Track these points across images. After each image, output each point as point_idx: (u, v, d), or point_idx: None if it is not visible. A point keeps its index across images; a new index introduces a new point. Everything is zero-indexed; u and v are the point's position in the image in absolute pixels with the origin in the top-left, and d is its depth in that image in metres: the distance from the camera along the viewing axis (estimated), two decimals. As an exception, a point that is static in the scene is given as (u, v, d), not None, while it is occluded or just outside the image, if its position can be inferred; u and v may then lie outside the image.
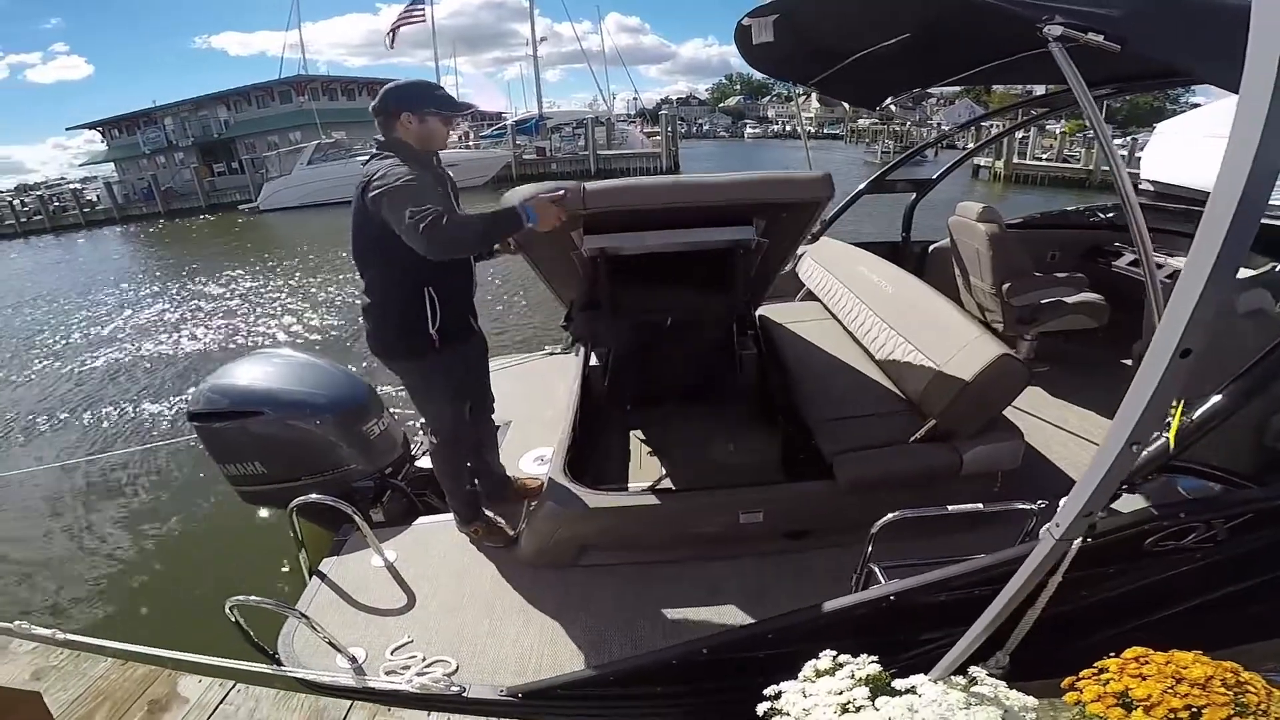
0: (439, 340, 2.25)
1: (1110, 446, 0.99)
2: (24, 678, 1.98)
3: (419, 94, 2.17)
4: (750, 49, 2.77)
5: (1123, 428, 0.95)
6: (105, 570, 4.03)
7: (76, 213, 32.63)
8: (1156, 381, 0.89)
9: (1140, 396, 0.92)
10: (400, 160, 2.07)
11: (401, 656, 2.13)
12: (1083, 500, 1.05)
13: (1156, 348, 0.90)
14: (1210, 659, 1.12)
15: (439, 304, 2.20)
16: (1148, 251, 1.64)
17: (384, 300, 2.23)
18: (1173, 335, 0.87)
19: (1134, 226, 1.63)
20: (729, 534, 2.42)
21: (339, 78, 37.62)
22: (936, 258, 4.26)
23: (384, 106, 2.15)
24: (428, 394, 2.43)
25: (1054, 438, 2.98)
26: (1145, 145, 21.87)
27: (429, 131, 2.18)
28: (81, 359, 9.04)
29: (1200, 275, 0.83)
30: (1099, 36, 1.50)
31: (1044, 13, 1.55)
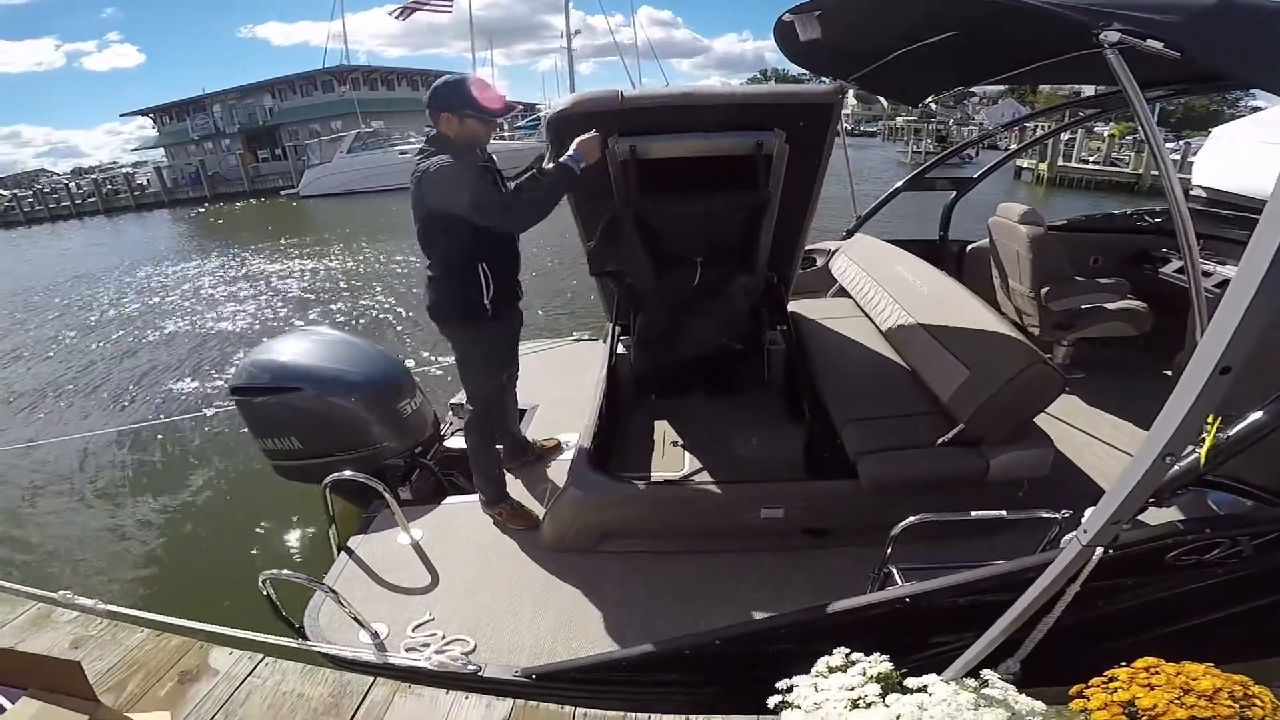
0: (491, 310, 2.46)
1: (1144, 457, 0.97)
2: (64, 646, 2.07)
3: (458, 96, 2.26)
4: (791, 44, 2.75)
5: (1157, 440, 0.94)
6: (145, 540, 4.18)
7: (128, 196, 33.96)
8: (1194, 396, 0.88)
9: (1177, 410, 0.91)
10: (446, 155, 2.23)
11: (422, 634, 2.18)
12: (1112, 509, 1.03)
13: (1197, 361, 0.88)
14: (1222, 672, 1.10)
15: (492, 278, 2.41)
16: (1194, 258, 1.61)
17: (446, 274, 2.43)
18: (1214, 350, 0.85)
19: (1181, 232, 1.60)
20: (749, 528, 2.42)
21: (379, 68, 38.24)
22: (974, 258, 4.19)
23: (429, 103, 2.30)
24: (474, 360, 2.64)
25: (1085, 446, 2.90)
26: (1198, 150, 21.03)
27: (468, 131, 2.30)
28: (127, 332, 9.40)
29: (1248, 289, 0.80)
30: (1158, 44, 1.47)
31: (1101, 18, 1.52)
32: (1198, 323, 1.54)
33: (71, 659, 1.56)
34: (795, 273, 3.43)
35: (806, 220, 3.06)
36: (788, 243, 3.16)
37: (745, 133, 2.51)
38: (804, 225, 3.09)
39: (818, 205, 2.96)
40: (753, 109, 2.52)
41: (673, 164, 2.62)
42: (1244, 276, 0.81)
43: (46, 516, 4.55)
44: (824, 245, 4.59)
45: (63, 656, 1.97)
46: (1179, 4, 1.58)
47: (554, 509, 2.55)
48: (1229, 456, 1.57)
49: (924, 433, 2.40)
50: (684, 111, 2.45)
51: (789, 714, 1.21)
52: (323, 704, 1.80)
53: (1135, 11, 1.53)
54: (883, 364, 3.01)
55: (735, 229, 2.96)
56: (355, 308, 9.89)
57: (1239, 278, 0.82)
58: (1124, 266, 3.96)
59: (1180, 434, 0.91)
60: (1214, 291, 2.84)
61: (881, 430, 2.46)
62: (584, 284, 8.23)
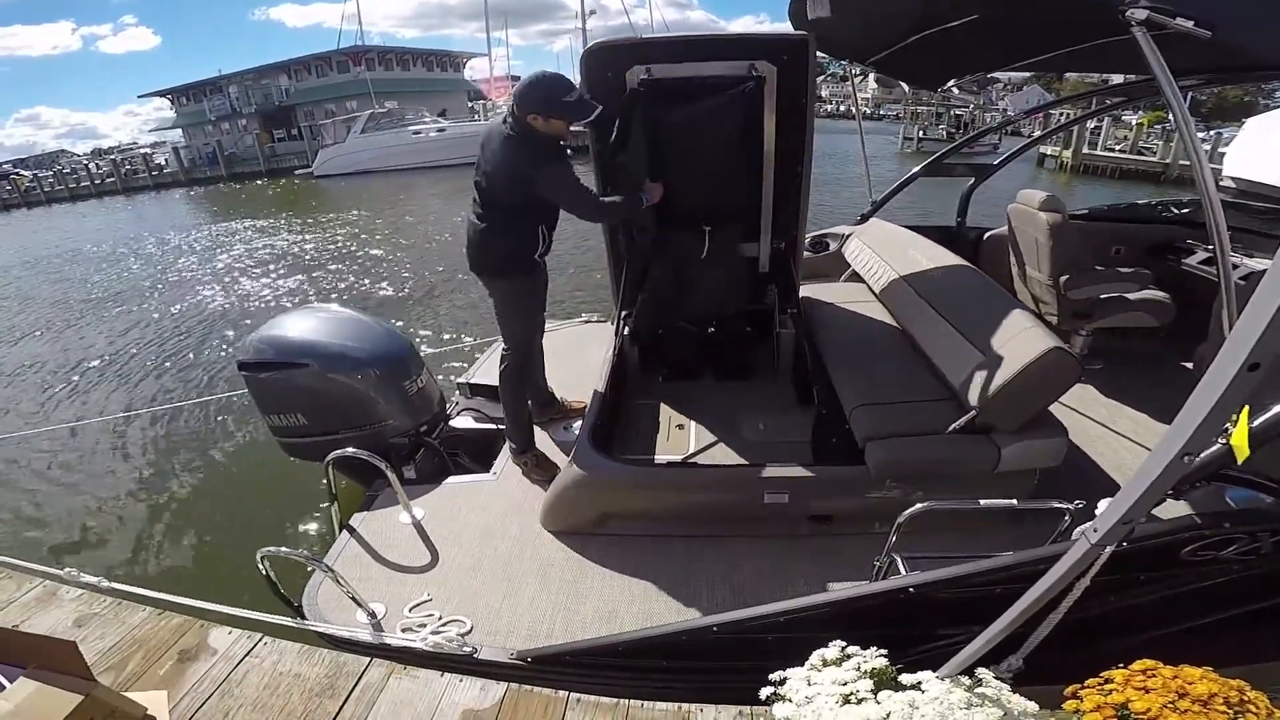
0: (541, 256, 2.73)
1: (1161, 454, 0.92)
2: (68, 623, 2.10)
3: (547, 101, 2.42)
4: (807, 27, 2.69)
5: (1177, 437, 0.89)
6: (151, 518, 4.23)
7: (146, 175, 34.39)
8: (1219, 393, 0.83)
9: (1200, 406, 0.86)
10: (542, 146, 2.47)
11: (419, 615, 2.18)
12: (1125, 506, 0.99)
13: (1225, 356, 0.83)
14: (1219, 676, 1.06)
15: (547, 237, 2.69)
16: (1225, 250, 1.54)
17: (505, 231, 2.62)
18: (1243, 346, 0.80)
19: (1212, 223, 1.54)
20: (752, 513, 2.39)
21: (394, 49, 38.19)
22: (991, 245, 4.11)
23: (519, 102, 2.45)
24: (519, 308, 2.82)
25: (1100, 438, 2.84)
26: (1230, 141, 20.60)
27: (553, 129, 2.47)
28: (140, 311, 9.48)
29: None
30: (1188, 22, 1.42)
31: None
32: (1225, 316, 1.48)
33: (68, 639, 1.56)
34: (802, 243, 3.38)
35: (804, 180, 3.06)
36: (790, 209, 3.17)
37: (739, 62, 2.82)
38: (803, 186, 3.08)
39: (811, 167, 3.04)
40: (744, 46, 2.84)
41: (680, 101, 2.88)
42: (1279, 271, 0.76)
43: (54, 495, 4.62)
44: (838, 230, 4.53)
45: (66, 634, 2.00)
46: None
47: (555, 489, 2.53)
48: (1256, 448, 1.51)
49: (935, 419, 2.34)
50: (691, 45, 2.85)
51: (780, 707, 1.19)
52: (319, 684, 1.81)
53: None
54: (894, 349, 2.95)
55: (738, 170, 3.08)
56: (358, 283, 9.94)
57: (1274, 271, 0.77)
58: (1147, 257, 3.86)
59: (1202, 432, 0.86)
60: (1242, 284, 2.76)
61: (891, 416, 2.41)
62: (591, 264, 8.23)
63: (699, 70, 2.84)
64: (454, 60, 41.90)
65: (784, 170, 3.06)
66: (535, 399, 3.24)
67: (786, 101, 2.91)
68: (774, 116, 2.94)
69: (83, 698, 1.47)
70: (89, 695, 1.49)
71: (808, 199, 3.11)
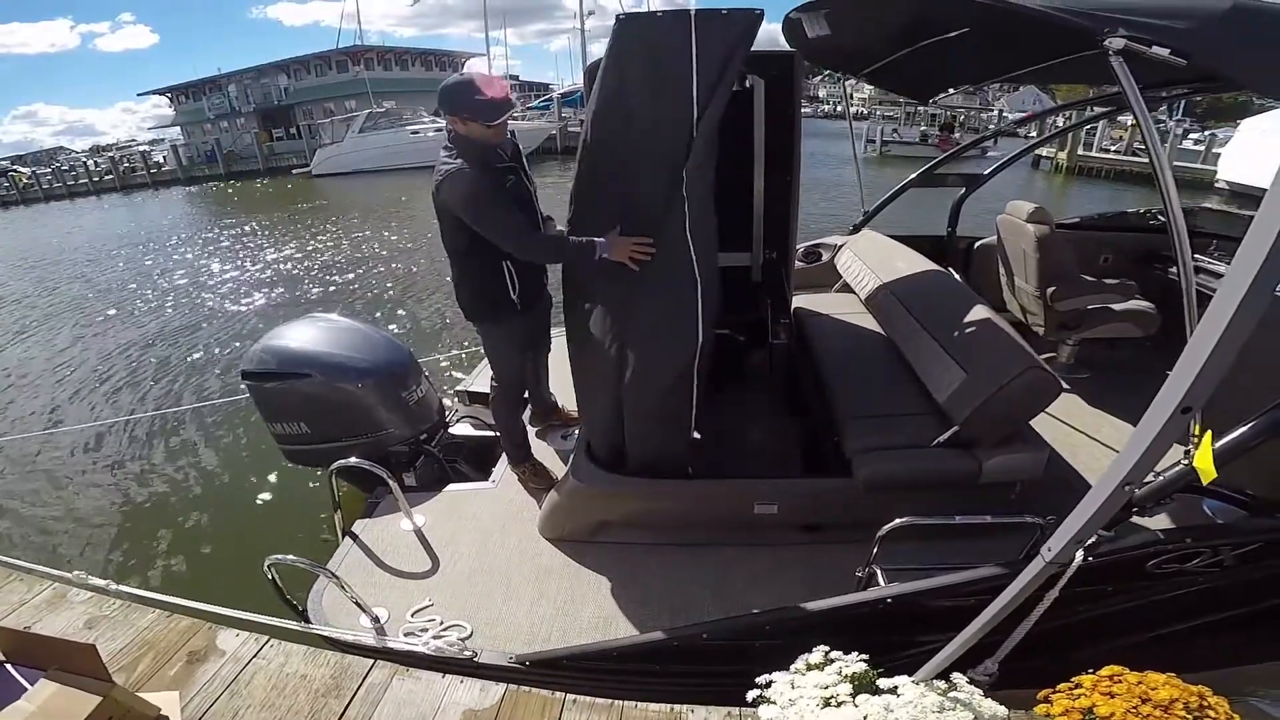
0: (520, 304, 2.56)
1: (1105, 484, 1.01)
2: (79, 625, 2.16)
3: (455, 98, 2.26)
4: (800, 41, 2.76)
5: (1119, 469, 0.97)
6: (157, 522, 4.27)
7: (144, 173, 34.31)
8: (1155, 433, 0.90)
9: (1139, 443, 0.94)
10: (463, 159, 2.25)
11: (421, 619, 2.25)
12: (1074, 529, 1.07)
13: (1161, 399, 0.90)
14: (1181, 682, 1.14)
15: (517, 276, 2.50)
16: (1186, 262, 1.59)
17: (472, 274, 2.51)
18: (1177, 390, 0.87)
19: (1174, 233, 1.59)
20: (743, 523, 2.45)
21: (392, 48, 38.15)
22: (981, 255, 4.15)
23: (438, 103, 2.31)
24: (501, 349, 2.78)
25: (1083, 447, 2.91)
26: (1225, 142, 20.44)
27: (474, 133, 2.29)
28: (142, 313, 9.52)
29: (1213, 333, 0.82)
30: (1164, 50, 1.47)
31: (1106, 24, 1.52)
32: (1188, 326, 1.52)
33: (88, 643, 1.63)
34: (794, 253, 3.44)
35: (794, 190, 3.11)
36: (781, 219, 3.22)
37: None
38: (793, 196, 3.13)
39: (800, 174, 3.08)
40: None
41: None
42: (1210, 321, 0.82)
43: (63, 498, 4.66)
44: (831, 240, 4.59)
45: (78, 636, 2.06)
46: (1186, 8, 1.56)
47: (552, 500, 2.60)
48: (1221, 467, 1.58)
49: (921, 432, 2.41)
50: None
51: (765, 709, 1.25)
52: (324, 685, 1.88)
53: (1141, 17, 1.52)
54: (883, 362, 3.02)
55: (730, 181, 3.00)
56: (355, 287, 9.94)
57: (1205, 321, 0.83)
58: (1134, 265, 3.93)
59: (1140, 467, 0.94)
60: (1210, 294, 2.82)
61: (878, 429, 2.47)
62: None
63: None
64: (452, 60, 41.81)
65: (774, 181, 3.13)
66: (535, 405, 3.32)
67: (776, 114, 2.98)
68: (764, 128, 3.01)
69: (102, 699, 1.54)
70: (108, 696, 1.55)
71: (798, 209, 3.18)
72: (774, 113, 2.99)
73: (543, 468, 3.00)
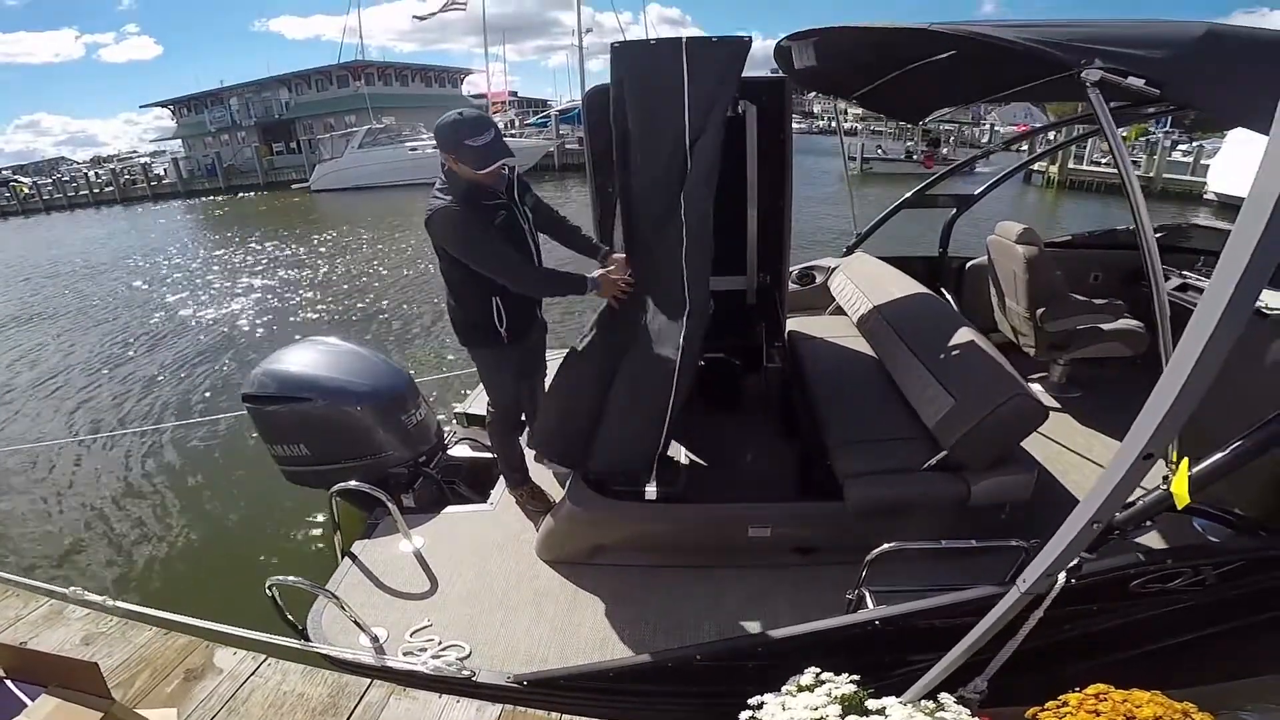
0: (509, 336, 2.61)
1: (1075, 520, 1.05)
2: (76, 641, 2.17)
3: (447, 139, 2.28)
4: (791, 68, 2.82)
5: (1088, 507, 1.01)
6: (156, 539, 4.28)
7: (144, 185, 34.46)
8: (1119, 476, 0.95)
9: (1106, 484, 0.98)
10: (451, 193, 2.31)
11: (420, 639, 2.26)
12: (1047, 563, 1.11)
13: (1127, 444, 0.94)
14: (1167, 699, 1.16)
15: (505, 310, 2.55)
16: (1159, 284, 1.58)
17: (461, 303, 2.59)
18: (1140, 437, 0.91)
19: (1146, 253, 1.58)
20: (737, 546, 2.48)
21: (393, 64, 38.46)
22: (973, 275, 4.19)
23: (435, 138, 2.35)
24: (494, 375, 2.82)
25: (1074, 466, 2.95)
26: (1214, 153, 20.38)
27: (463, 172, 2.31)
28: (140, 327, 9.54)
29: (1175, 382, 0.86)
30: (1139, 80, 1.49)
31: (1083, 55, 1.54)
32: (1162, 352, 1.53)
33: (90, 660, 1.65)
34: (787, 277, 3.48)
35: (786, 213, 3.17)
36: (774, 242, 3.26)
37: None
38: (785, 219, 3.19)
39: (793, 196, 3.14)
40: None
41: None
42: (1172, 372, 0.86)
43: (61, 514, 4.66)
44: (824, 262, 4.62)
45: (74, 652, 2.07)
46: (1160, 38, 1.58)
47: (549, 523, 2.62)
48: (1197, 491, 1.62)
49: (911, 456, 2.45)
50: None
51: (757, 730, 1.28)
52: (321, 704, 1.89)
53: (1116, 47, 1.55)
54: (875, 386, 3.05)
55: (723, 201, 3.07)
56: (353, 307, 9.93)
57: (1167, 375, 0.87)
58: (1124, 284, 3.96)
59: (1107, 505, 0.98)
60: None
61: (870, 453, 2.51)
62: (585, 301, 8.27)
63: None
64: (452, 76, 42.21)
65: (767, 205, 3.18)
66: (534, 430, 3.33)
67: (768, 138, 3.04)
68: (756, 152, 3.06)
69: (102, 715, 1.55)
70: (107, 712, 1.57)
71: (790, 232, 3.23)
72: (766, 137, 3.04)
73: (540, 491, 3.03)
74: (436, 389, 5.57)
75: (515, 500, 2.99)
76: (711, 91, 2.19)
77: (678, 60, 2.16)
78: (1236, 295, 0.78)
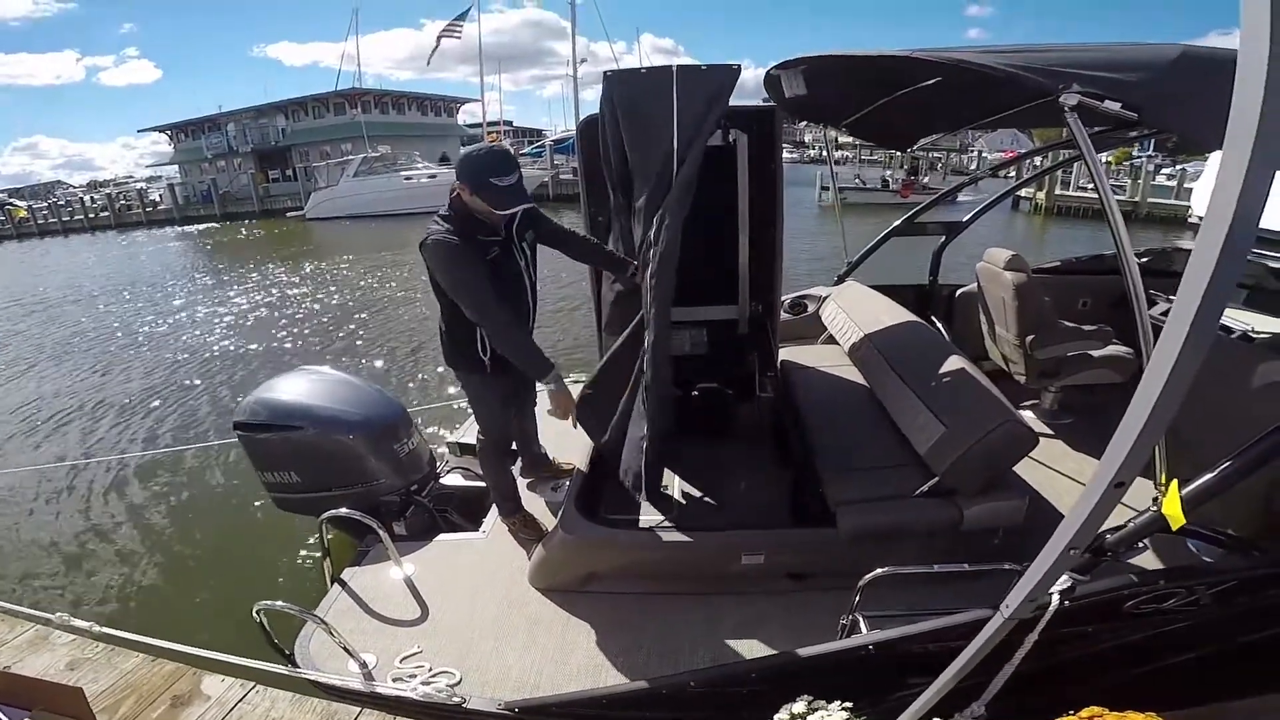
0: (490, 366, 2.59)
1: (1053, 547, 1.06)
2: (60, 667, 2.15)
3: (474, 174, 2.27)
4: (781, 97, 2.88)
5: (1062, 535, 1.03)
6: (142, 566, 4.22)
7: (140, 211, 34.48)
8: (1092, 505, 0.97)
9: (1080, 513, 1.00)
10: (451, 223, 2.33)
11: (410, 665, 2.24)
12: (1029, 587, 1.12)
13: (1100, 474, 0.97)
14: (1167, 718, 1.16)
15: (488, 339, 2.52)
16: (1142, 310, 1.61)
17: (449, 327, 2.59)
18: (1111, 466, 0.93)
19: (1129, 279, 1.61)
20: (730, 573, 2.47)
21: (390, 91, 38.76)
22: (963, 303, 4.22)
23: (457, 166, 2.39)
24: (481, 401, 2.82)
25: (1067, 491, 2.96)
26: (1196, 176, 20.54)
27: (477, 206, 2.33)
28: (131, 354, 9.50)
29: (1143, 413, 0.89)
30: (1115, 104, 1.52)
31: (1061, 80, 1.58)
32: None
33: (75, 686, 1.63)
34: (779, 306, 3.50)
35: (778, 243, 3.20)
36: (765, 271, 3.29)
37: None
38: (776, 248, 3.21)
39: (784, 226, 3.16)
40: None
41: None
42: (1140, 398, 0.88)
43: (48, 539, 4.60)
44: (816, 291, 4.65)
45: (59, 678, 2.05)
46: (1136, 62, 1.62)
47: (542, 551, 2.61)
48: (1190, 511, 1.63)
49: (903, 483, 2.46)
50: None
51: (750, 757, 1.27)
52: (311, 733, 1.87)
53: (1093, 71, 1.58)
54: (867, 414, 3.06)
55: (716, 235, 3.13)
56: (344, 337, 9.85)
57: (1135, 405, 0.89)
58: (1112, 309, 3.98)
59: (1082, 533, 1.00)
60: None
61: (861, 480, 2.52)
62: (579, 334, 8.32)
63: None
64: (448, 105, 42.63)
65: (759, 234, 3.21)
66: (525, 458, 3.36)
67: (758, 168, 3.08)
68: (747, 182, 3.10)
69: (83, 740, 1.54)
70: (92, 739, 1.55)
71: (782, 261, 3.27)
72: (757, 166, 3.08)
73: (533, 519, 3.03)
74: (434, 418, 5.56)
75: (508, 528, 2.98)
76: (699, 119, 2.26)
77: (668, 87, 2.22)
78: (1199, 317, 0.80)
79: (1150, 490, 1.54)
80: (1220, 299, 0.79)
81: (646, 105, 2.28)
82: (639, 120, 2.32)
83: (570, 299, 10.17)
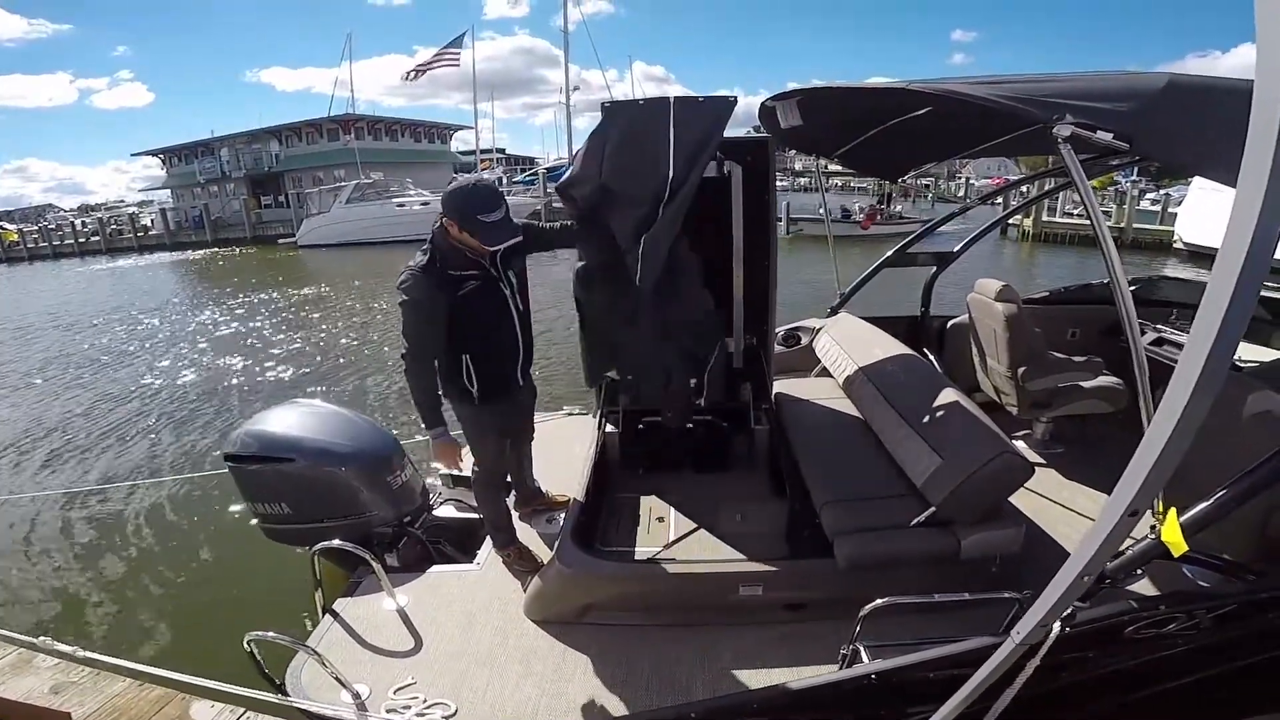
0: (478, 397, 2.61)
1: (1066, 574, 1.08)
2: (44, 690, 2.10)
3: (460, 207, 2.31)
4: (775, 128, 2.94)
5: (1076, 562, 1.05)
6: (132, 593, 4.17)
7: (131, 236, 34.32)
8: (1106, 533, 0.99)
9: (1093, 540, 1.02)
10: (428, 260, 2.37)
11: (404, 697, 2.20)
12: (1040, 614, 1.13)
13: (1113, 502, 0.98)
14: None
15: (474, 370, 2.57)
16: (1137, 342, 1.62)
17: (441, 355, 2.57)
18: (1126, 494, 0.95)
19: (1124, 311, 1.62)
20: (728, 604, 2.46)
21: (383, 118, 38.74)
22: (955, 334, 4.24)
23: (442, 199, 2.40)
24: (475, 432, 2.82)
25: (1061, 520, 2.97)
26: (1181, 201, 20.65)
27: (463, 240, 2.36)
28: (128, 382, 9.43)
29: (1159, 440, 0.90)
30: (1108, 134, 1.55)
31: (1054, 111, 1.60)
32: (1143, 407, 1.55)
33: (61, 710, 1.59)
34: (773, 338, 3.52)
35: (772, 274, 3.24)
36: (760, 301, 3.32)
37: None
38: (770, 277, 3.25)
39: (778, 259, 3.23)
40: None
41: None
42: (1155, 431, 0.90)
43: (32, 564, 4.55)
44: (809, 323, 4.67)
45: (43, 702, 2.00)
46: (1126, 91, 1.65)
47: (538, 583, 2.59)
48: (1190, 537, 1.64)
49: (900, 513, 2.47)
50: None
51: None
52: (302, 764, 1.83)
53: (1085, 101, 1.61)
54: (862, 446, 3.07)
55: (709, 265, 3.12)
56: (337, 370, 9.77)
57: (1151, 434, 0.91)
58: (1101, 339, 4.03)
59: (1096, 559, 1.02)
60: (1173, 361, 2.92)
61: (858, 511, 2.52)
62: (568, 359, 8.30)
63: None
64: (441, 132, 42.89)
65: (752, 266, 3.23)
66: (519, 491, 3.33)
67: (752, 199, 3.10)
68: (741, 213, 3.11)
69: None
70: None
71: (775, 293, 3.30)
72: (751, 197, 3.11)
73: (528, 551, 3.00)
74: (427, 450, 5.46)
75: (502, 560, 2.95)
76: (695, 149, 2.33)
77: (665, 116, 2.27)
78: (1213, 357, 0.81)
79: (1146, 518, 1.56)
80: (1238, 328, 0.81)
81: (644, 134, 2.35)
82: (636, 149, 2.39)
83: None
